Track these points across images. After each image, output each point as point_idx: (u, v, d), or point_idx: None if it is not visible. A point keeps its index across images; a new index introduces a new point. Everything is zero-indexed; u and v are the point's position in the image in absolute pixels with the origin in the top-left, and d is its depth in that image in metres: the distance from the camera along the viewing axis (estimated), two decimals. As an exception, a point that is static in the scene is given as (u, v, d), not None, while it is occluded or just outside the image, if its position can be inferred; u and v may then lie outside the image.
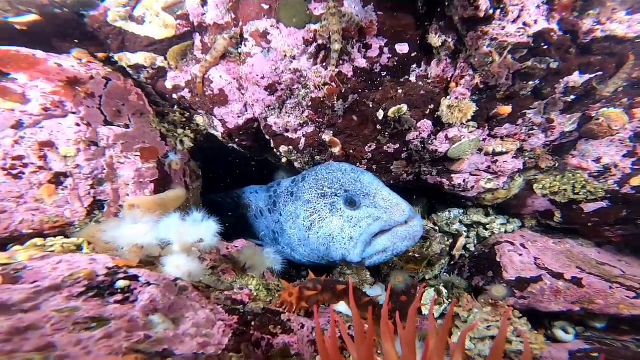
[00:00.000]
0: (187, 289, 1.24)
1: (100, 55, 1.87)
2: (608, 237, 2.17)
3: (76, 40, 1.81)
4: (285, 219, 2.13)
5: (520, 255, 2.02)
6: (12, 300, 0.82)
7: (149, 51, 1.90)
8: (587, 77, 1.70)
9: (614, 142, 1.92)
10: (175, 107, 2.14)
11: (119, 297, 1.00)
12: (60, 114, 1.43)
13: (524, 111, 1.84)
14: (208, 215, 1.56)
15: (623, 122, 1.84)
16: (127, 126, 1.69)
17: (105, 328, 0.86)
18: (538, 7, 1.55)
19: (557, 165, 2.07)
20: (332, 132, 2.00)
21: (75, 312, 0.86)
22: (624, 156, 1.91)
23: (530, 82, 1.71)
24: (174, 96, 2.09)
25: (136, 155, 1.65)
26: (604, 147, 1.95)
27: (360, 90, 1.82)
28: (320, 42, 1.69)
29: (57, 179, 1.40)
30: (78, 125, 1.46)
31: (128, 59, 1.89)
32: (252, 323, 1.28)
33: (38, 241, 1.21)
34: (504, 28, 1.57)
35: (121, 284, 1.03)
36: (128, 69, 1.97)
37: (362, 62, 1.74)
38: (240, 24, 1.79)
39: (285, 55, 1.75)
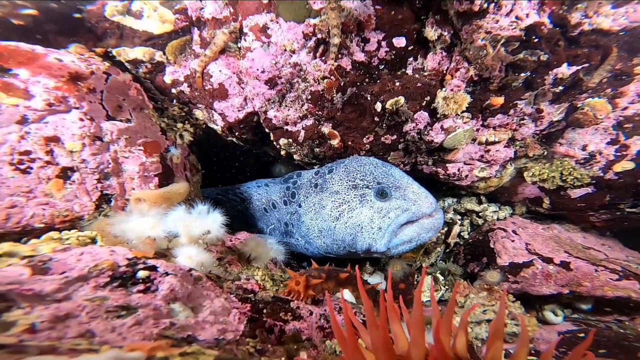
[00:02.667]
0: (202, 279, 1.27)
1: (98, 50, 1.85)
2: (593, 221, 2.30)
3: (73, 35, 1.79)
4: (305, 210, 2.16)
5: (513, 241, 2.11)
6: (45, 291, 0.84)
7: (148, 46, 1.90)
8: (574, 68, 1.79)
9: (598, 131, 2.03)
10: (174, 101, 2.13)
11: (140, 286, 1.03)
12: (63, 109, 1.42)
13: (515, 102, 1.92)
14: (213, 207, 1.59)
15: (607, 111, 1.96)
16: (128, 121, 1.69)
17: (135, 316, 0.89)
18: (530, 0, 1.62)
19: (545, 153, 2.17)
20: (331, 125, 2.04)
21: (105, 301, 0.88)
22: (607, 143, 2.03)
23: (522, 74, 1.79)
24: (173, 91, 2.09)
25: (140, 150, 1.65)
26: (589, 135, 2.05)
27: (358, 83, 1.86)
28: (319, 36, 1.72)
29: (65, 174, 1.40)
30: (82, 120, 1.46)
31: (126, 53, 1.88)
32: (264, 311, 1.33)
33: (54, 234, 1.22)
34: (497, 21, 1.64)
35: (142, 274, 1.06)
36: (126, 64, 1.95)
37: (360, 56, 1.77)
38: (240, 18, 1.80)
39: (285, 50, 1.77)
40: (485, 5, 1.60)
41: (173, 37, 1.90)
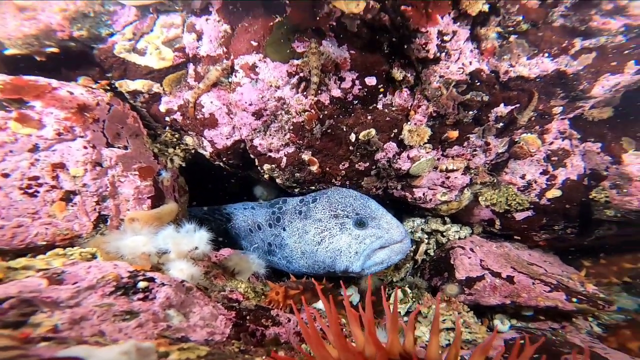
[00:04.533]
0: (192, 289, 1.44)
1: (103, 82, 2.04)
2: (536, 241, 2.61)
3: (83, 69, 1.99)
4: (289, 234, 2.39)
5: (469, 258, 2.37)
6: (61, 298, 0.99)
7: (147, 79, 2.10)
8: (509, 108, 2.09)
9: (533, 162, 2.36)
10: (167, 128, 2.32)
11: (140, 295, 1.19)
12: (70, 137, 1.59)
13: (467, 135, 2.21)
14: (199, 226, 1.76)
15: (537, 145, 2.29)
16: (125, 147, 1.86)
17: (137, 319, 1.06)
18: (471, 50, 1.94)
19: (495, 180, 2.48)
20: (310, 152, 2.25)
21: (112, 307, 1.04)
22: (540, 173, 2.36)
23: (470, 112, 2.08)
24: (167, 119, 2.27)
25: (135, 174, 1.81)
26: (527, 165, 2.38)
27: (335, 116, 2.09)
28: (301, 74, 1.97)
29: (67, 197, 1.55)
30: (85, 148, 1.62)
31: (128, 85, 2.08)
32: (247, 317, 1.50)
33: (59, 251, 1.36)
34: (448, 67, 1.93)
35: (142, 284, 1.22)
36: (126, 94, 2.14)
37: (337, 92, 2.02)
38: (232, 57, 2.03)
39: (271, 85, 2.00)
40: (438, 54, 1.90)
41: (171, 71, 2.12)
